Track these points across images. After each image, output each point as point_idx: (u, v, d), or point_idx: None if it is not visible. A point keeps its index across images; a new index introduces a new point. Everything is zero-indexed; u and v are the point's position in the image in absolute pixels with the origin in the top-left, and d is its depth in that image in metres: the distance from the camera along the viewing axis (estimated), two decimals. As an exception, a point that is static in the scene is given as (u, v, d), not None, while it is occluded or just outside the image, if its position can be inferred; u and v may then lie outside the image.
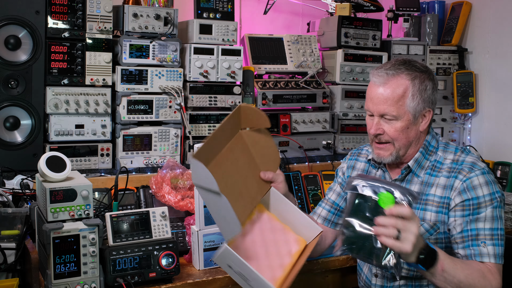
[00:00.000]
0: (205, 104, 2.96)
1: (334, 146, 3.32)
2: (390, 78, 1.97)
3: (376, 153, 2.06)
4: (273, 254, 1.91)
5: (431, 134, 2.09)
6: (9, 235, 2.02)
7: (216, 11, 2.94)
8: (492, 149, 3.59)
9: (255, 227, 1.93)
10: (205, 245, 2.18)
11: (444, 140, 2.12)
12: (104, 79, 2.70)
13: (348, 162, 2.31)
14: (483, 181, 1.95)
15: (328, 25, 3.43)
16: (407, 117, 1.97)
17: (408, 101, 1.96)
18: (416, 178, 2.05)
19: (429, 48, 3.62)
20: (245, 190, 1.89)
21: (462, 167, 1.98)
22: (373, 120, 2.02)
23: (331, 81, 3.41)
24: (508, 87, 3.52)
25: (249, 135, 1.97)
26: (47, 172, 1.95)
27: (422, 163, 2.05)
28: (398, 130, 1.98)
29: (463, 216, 1.94)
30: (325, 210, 2.30)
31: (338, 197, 2.30)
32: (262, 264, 1.85)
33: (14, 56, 2.55)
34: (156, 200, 2.47)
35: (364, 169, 2.23)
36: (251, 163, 1.96)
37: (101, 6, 2.67)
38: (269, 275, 1.82)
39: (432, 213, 1.99)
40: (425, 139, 2.07)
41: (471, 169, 1.97)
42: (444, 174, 2.01)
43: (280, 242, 1.94)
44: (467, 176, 1.95)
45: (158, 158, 2.81)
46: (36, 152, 2.59)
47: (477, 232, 1.91)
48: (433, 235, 1.99)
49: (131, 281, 1.94)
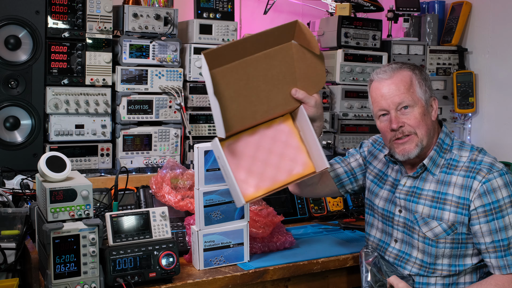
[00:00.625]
0: (205, 104, 2.96)
1: (334, 146, 3.32)
2: (395, 71, 2.03)
3: (400, 150, 2.03)
4: (272, 164, 1.92)
5: (444, 132, 2.10)
6: (9, 235, 2.02)
7: (216, 11, 2.94)
8: (492, 149, 3.58)
9: (268, 134, 1.96)
10: (205, 245, 2.18)
11: (460, 140, 2.12)
12: (104, 79, 2.70)
13: (372, 148, 2.32)
14: (502, 183, 1.95)
15: (328, 25, 3.43)
16: (421, 103, 2.01)
17: (417, 89, 2.01)
18: (432, 176, 2.05)
19: (429, 48, 3.62)
20: (261, 99, 1.91)
21: (481, 167, 1.98)
22: (388, 118, 2.03)
23: (331, 81, 3.40)
24: (508, 87, 3.51)
25: (299, 50, 1.94)
26: (47, 172, 1.95)
27: (437, 161, 2.05)
28: (418, 117, 2.00)
29: (487, 222, 1.94)
30: (342, 169, 2.31)
31: (358, 166, 2.32)
32: (251, 168, 1.89)
33: (14, 56, 2.55)
34: (156, 200, 2.47)
35: (384, 161, 2.24)
36: (287, 76, 1.95)
37: (101, 6, 2.67)
38: (253, 182, 1.88)
39: (451, 213, 1.99)
40: (438, 137, 2.07)
41: (490, 170, 1.96)
42: (461, 173, 2.00)
43: (286, 157, 1.94)
44: (486, 178, 1.95)
45: (158, 158, 2.81)
46: (36, 152, 2.59)
47: (509, 241, 1.93)
48: (450, 235, 1.99)
49: (131, 281, 1.94)
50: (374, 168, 2.28)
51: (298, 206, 2.84)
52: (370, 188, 2.27)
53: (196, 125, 2.93)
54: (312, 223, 2.83)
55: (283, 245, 2.40)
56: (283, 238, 2.40)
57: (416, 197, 2.07)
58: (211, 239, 2.19)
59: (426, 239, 2.03)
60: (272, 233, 2.42)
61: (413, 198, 2.07)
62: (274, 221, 2.40)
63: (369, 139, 2.38)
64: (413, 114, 2.00)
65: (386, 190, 2.19)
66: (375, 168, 2.28)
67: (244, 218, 2.26)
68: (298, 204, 2.85)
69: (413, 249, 2.08)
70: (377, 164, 2.27)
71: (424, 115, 2.02)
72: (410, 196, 2.08)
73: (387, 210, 2.16)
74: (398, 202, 2.12)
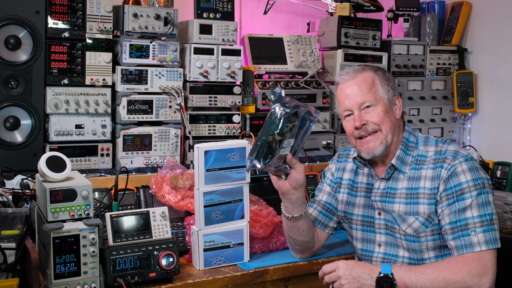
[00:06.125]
0: (205, 104, 2.96)
1: (334, 146, 3.32)
2: (357, 73, 2.11)
3: (365, 148, 2.08)
4: None
5: (407, 131, 2.14)
6: (9, 235, 2.03)
7: (216, 11, 2.94)
8: (492, 149, 3.59)
9: None
10: (205, 245, 2.18)
11: (424, 135, 2.16)
12: (104, 79, 2.70)
13: (338, 164, 2.33)
14: (466, 168, 1.98)
15: (328, 25, 3.43)
16: (383, 102, 2.07)
17: (379, 88, 2.08)
18: (402, 175, 2.09)
19: (429, 48, 3.62)
20: None
21: (446, 155, 2.02)
22: (352, 117, 2.09)
23: (331, 81, 3.40)
24: (508, 87, 3.52)
25: None
26: (47, 172, 1.95)
27: (404, 159, 2.09)
28: (381, 115, 2.06)
29: (448, 205, 1.97)
30: (316, 211, 2.31)
31: (329, 197, 2.31)
32: None
33: (14, 56, 2.55)
34: (156, 200, 2.47)
35: (352, 169, 2.26)
36: None
37: (101, 6, 2.67)
38: None
39: (425, 205, 2.02)
40: (402, 136, 2.12)
41: (454, 157, 2.00)
42: (430, 166, 2.05)
43: None
44: (451, 164, 1.99)
45: (158, 158, 2.81)
46: (36, 152, 2.59)
47: (466, 222, 1.94)
48: (429, 227, 2.01)
49: (131, 281, 1.94)
50: (345, 181, 2.28)
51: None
52: (345, 200, 2.26)
53: (196, 125, 2.93)
54: (312, 223, 2.83)
55: (283, 245, 2.40)
56: (283, 238, 2.40)
57: (391, 197, 2.09)
58: (211, 239, 2.19)
59: (408, 235, 2.05)
60: (272, 233, 2.42)
61: (388, 199, 2.10)
62: (274, 221, 2.40)
63: (331, 160, 2.39)
64: (376, 111, 2.06)
65: (361, 197, 2.20)
66: (345, 180, 2.28)
67: (244, 218, 2.26)
68: (298, 204, 2.85)
69: (399, 248, 2.09)
70: (347, 176, 2.28)
71: (387, 112, 2.07)
72: (385, 197, 2.11)
73: (367, 216, 2.17)
74: (376, 205, 2.14)
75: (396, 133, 2.10)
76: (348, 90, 2.09)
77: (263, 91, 3.10)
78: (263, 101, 3.09)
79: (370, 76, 2.09)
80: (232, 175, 2.21)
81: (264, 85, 3.14)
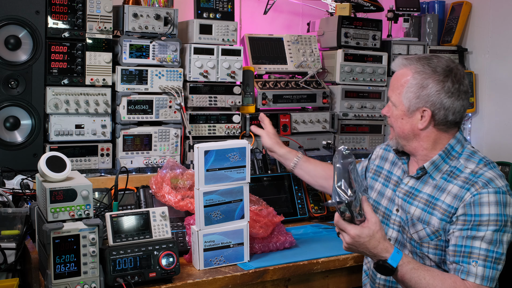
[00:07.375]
0: (205, 104, 2.96)
1: (334, 146, 3.32)
2: (401, 67, 2.06)
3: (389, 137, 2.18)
4: None
5: (456, 138, 2.04)
6: (9, 235, 2.03)
7: (216, 11, 2.94)
8: (492, 149, 3.59)
9: None
10: (205, 245, 2.18)
11: (472, 149, 2.06)
12: (104, 79, 2.70)
13: (384, 153, 2.33)
14: (493, 200, 1.88)
15: (328, 25, 3.43)
16: (401, 107, 2.03)
17: (405, 92, 2.01)
18: (431, 180, 2.04)
19: (429, 48, 3.62)
20: None
21: (478, 180, 1.92)
22: None
23: (331, 81, 3.41)
24: (508, 87, 3.52)
25: None
26: (47, 172, 1.95)
27: (440, 166, 2.03)
28: (394, 117, 2.07)
29: (461, 229, 1.90)
30: None
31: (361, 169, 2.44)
32: None
33: (14, 56, 2.55)
34: (156, 200, 2.47)
35: (392, 160, 2.26)
36: None
37: (101, 6, 2.67)
38: None
39: (437, 219, 1.97)
40: (448, 143, 2.03)
41: (486, 185, 1.90)
42: (459, 184, 1.96)
43: None
44: (478, 191, 1.89)
45: (158, 158, 2.81)
46: (36, 152, 2.59)
47: (471, 250, 1.87)
48: (434, 240, 1.99)
49: (131, 281, 1.94)
50: (384, 171, 2.28)
51: (298, 206, 2.84)
52: (379, 190, 2.26)
53: (196, 125, 2.93)
54: (312, 223, 2.83)
55: (283, 245, 2.40)
56: (283, 238, 2.40)
57: (412, 198, 2.08)
58: (211, 239, 2.19)
59: (412, 240, 2.05)
60: (272, 233, 2.42)
61: (409, 199, 2.08)
62: (274, 221, 2.40)
63: (382, 144, 2.42)
64: (394, 112, 2.07)
65: (390, 189, 2.20)
66: (384, 170, 2.28)
67: (244, 218, 2.26)
68: (298, 204, 2.85)
69: (405, 249, 2.10)
70: (386, 166, 2.28)
71: (402, 119, 2.04)
72: (407, 196, 2.09)
73: (388, 209, 2.17)
74: (397, 201, 2.13)
75: (413, 141, 2.04)
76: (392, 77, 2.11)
77: (263, 91, 3.10)
78: (263, 101, 3.09)
79: (406, 76, 2.01)
80: (232, 175, 2.21)
81: (264, 85, 3.14)
